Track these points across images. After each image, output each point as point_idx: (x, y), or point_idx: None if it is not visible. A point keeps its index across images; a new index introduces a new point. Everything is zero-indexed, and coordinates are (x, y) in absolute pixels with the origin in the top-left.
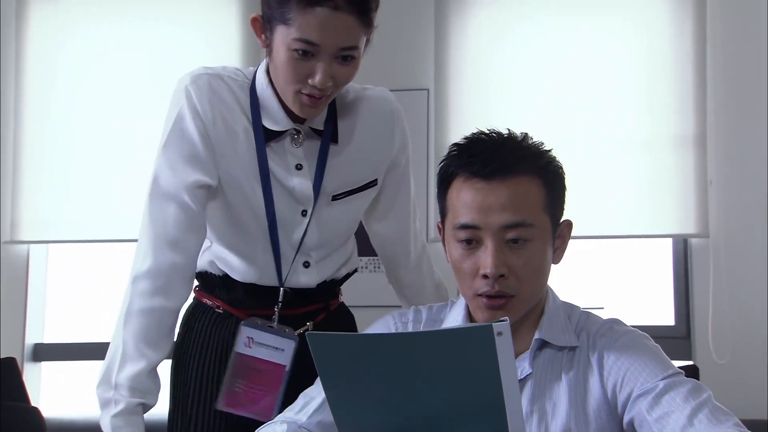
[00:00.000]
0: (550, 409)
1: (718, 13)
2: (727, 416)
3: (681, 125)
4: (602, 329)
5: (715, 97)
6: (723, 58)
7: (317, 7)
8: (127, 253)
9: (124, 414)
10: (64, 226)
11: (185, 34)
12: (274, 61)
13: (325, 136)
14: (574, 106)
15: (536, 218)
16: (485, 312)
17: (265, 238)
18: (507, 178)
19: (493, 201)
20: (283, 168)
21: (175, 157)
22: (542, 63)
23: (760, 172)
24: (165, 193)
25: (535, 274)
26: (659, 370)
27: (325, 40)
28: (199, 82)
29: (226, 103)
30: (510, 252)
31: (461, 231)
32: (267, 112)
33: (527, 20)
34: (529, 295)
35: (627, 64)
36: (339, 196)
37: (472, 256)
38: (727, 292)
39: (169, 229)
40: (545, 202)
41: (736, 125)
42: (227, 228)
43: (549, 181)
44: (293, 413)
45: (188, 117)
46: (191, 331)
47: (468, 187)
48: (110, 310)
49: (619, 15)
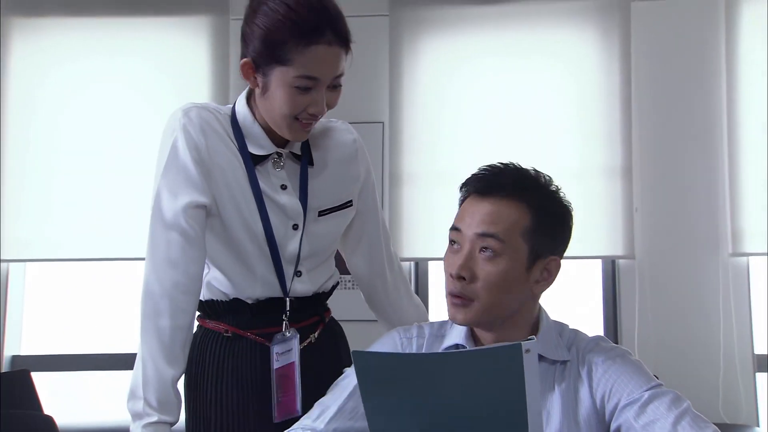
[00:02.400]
0: (545, 417)
1: (642, 55)
2: (707, 424)
3: (610, 157)
4: (590, 345)
5: (639, 132)
6: (646, 96)
7: (313, 46)
8: (101, 270)
9: (154, 425)
10: (42, 246)
11: (158, 67)
12: (270, 98)
13: (304, 159)
14: (514, 139)
15: (510, 238)
16: (449, 308)
17: (261, 253)
18: (499, 198)
19: (477, 211)
20: (271, 188)
21: (172, 182)
22: (485, 99)
23: (679, 199)
24: (165, 217)
25: (495, 286)
26: (644, 381)
27: (323, 74)
28: (190, 114)
29: (216, 131)
30: (480, 260)
31: (450, 232)
32: (251, 139)
33: (472, 61)
34: (488, 304)
35: (561, 101)
36: (324, 212)
37: (452, 257)
38: (650, 309)
39: (171, 251)
40: (526, 228)
41: (658, 157)
42: (224, 249)
43: (539, 216)
44: (311, 421)
45: (182, 145)
46: (204, 357)
47: (468, 200)
48: (79, 323)
49: (554, 57)
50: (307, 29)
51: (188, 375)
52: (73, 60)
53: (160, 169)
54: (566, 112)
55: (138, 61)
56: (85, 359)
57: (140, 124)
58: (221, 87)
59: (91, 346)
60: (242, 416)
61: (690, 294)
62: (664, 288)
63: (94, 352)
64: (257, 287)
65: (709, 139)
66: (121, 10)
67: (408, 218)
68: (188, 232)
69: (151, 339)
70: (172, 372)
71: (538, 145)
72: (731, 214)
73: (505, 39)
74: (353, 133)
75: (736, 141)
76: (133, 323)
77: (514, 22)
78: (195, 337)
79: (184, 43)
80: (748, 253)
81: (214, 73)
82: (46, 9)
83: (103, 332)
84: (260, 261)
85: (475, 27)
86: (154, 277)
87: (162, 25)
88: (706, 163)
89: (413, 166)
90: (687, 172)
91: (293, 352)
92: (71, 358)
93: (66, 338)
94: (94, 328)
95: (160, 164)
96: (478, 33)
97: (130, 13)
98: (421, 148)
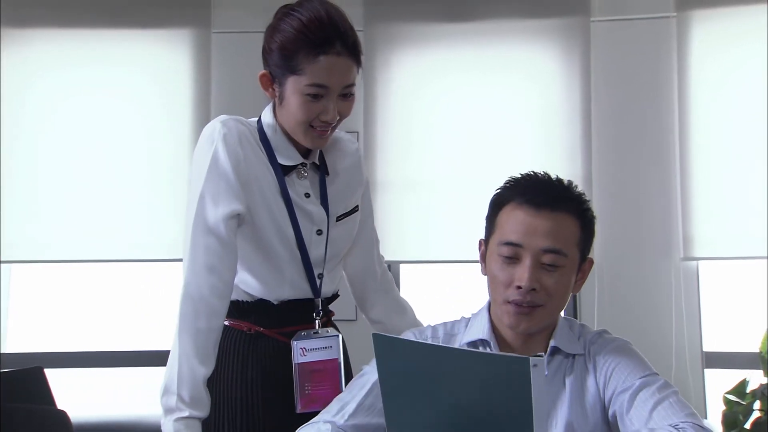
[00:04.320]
0: (559, 405)
1: (601, 72)
2: (685, 408)
3: (571, 167)
4: (594, 337)
5: (598, 144)
6: (605, 110)
7: (322, 56)
8: (78, 272)
9: (185, 419)
10: (26, 248)
11: (142, 78)
12: (286, 106)
13: (322, 169)
14: (482, 149)
15: (570, 250)
16: (512, 317)
17: (291, 257)
18: (553, 211)
19: (538, 226)
20: (298, 196)
21: (214, 189)
22: (455, 111)
23: (635, 207)
24: (207, 223)
25: (560, 294)
26: (639, 370)
27: (332, 82)
28: (229, 125)
29: (250, 142)
30: (543, 272)
31: (505, 247)
32: (280, 151)
33: (442, 75)
34: (553, 309)
35: (526, 114)
36: (341, 217)
37: (509, 268)
38: (608, 309)
39: (210, 257)
40: (578, 238)
41: (616, 168)
42: (256, 254)
43: (584, 224)
44: (330, 416)
45: (223, 155)
46: (228, 354)
47: (520, 211)
48: (61, 323)
49: (519, 72)
50: (317, 41)
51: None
52: (60, 69)
53: (195, 177)
54: (531, 124)
55: (123, 72)
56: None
57: (124, 132)
58: (203, 98)
59: (72, 344)
60: (267, 409)
61: (644, 296)
62: (621, 290)
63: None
64: (286, 289)
65: (662, 151)
66: (107, 23)
67: (381, 222)
68: (225, 240)
69: (187, 339)
70: (203, 370)
71: (504, 154)
72: (682, 221)
73: (473, 54)
74: (355, 142)
75: (687, 153)
76: (110, 323)
77: (482, 39)
78: None
79: (168, 55)
80: (698, 258)
81: (197, 84)
82: (35, 21)
83: (85, 332)
84: (290, 264)
85: (445, 43)
86: (194, 281)
87: (146, 38)
88: (660, 174)
89: (386, 174)
90: (642, 182)
91: (335, 350)
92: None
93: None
94: (75, 328)
95: (196, 172)
96: (448, 48)
97: (115, 26)
98: (393, 156)
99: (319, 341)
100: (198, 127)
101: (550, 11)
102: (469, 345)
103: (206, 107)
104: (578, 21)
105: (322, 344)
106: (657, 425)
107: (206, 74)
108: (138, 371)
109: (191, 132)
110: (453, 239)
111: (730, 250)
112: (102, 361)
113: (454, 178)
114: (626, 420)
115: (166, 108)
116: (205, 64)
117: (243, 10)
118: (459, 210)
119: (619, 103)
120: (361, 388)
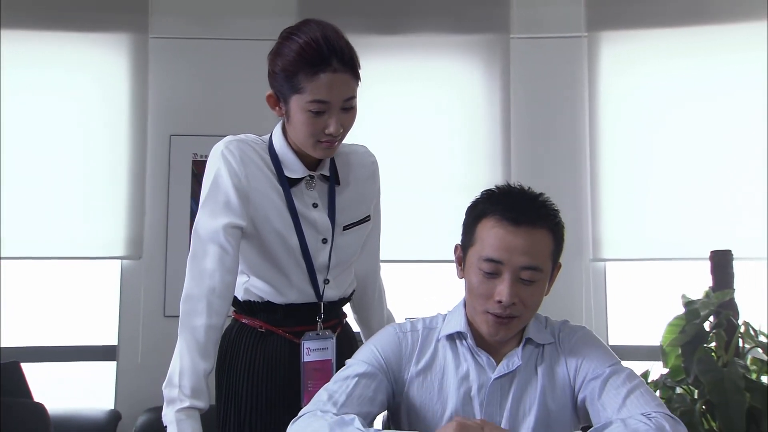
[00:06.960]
0: (531, 390)
1: (519, 85)
2: (654, 399)
3: (492, 173)
4: (561, 326)
5: (517, 151)
6: (523, 120)
7: (321, 74)
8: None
9: (186, 410)
10: None
11: (84, 79)
12: (292, 123)
13: (331, 180)
14: (410, 157)
15: (545, 264)
16: (491, 327)
17: (296, 264)
18: (531, 228)
19: (518, 244)
20: (304, 206)
21: (213, 205)
22: (384, 120)
23: None
24: (204, 234)
25: (536, 304)
26: (607, 359)
27: (332, 97)
28: (231, 147)
29: (253, 160)
30: (521, 286)
31: (486, 263)
32: (286, 165)
33: (373, 85)
34: (528, 317)
35: (450, 123)
36: (348, 226)
37: (489, 282)
38: None
39: (209, 261)
40: (552, 250)
41: (532, 173)
42: (263, 261)
43: (557, 237)
44: (322, 405)
45: (224, 174)
46: (238, 348)
47: (500, 228)
48: (34, 318)
49: (445, 83)
50: (315, 61)
51: (222, 364)
52: (7, 69)
53: (201, 193)
54: (455, 132)
55: (61, 74)
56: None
57: (62, 132)
58: (140, 101)
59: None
60: (270, 403)
61: (557, 293)
62: None
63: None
64: (293, 293)
65: (574, 160)
66: (45, 25)
67: None
68: (225, 246)
69: (188, 335)
70: (204, 365)
71: (430, 161)
72: (592, 224)
73: (400, 66)
74: (372, 156)
75: (597, 161)
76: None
77: (411, 52)
78: (230, 331)
79: (106, 58)
80: (606, 259)
81: (134, 87)
82: None
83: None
84: (295, 271)
85: (376, 54)
86: (193, 283)
87: (85, 41)
88: (572, 181)
89: None
90: (556, 188)
91: (330, 351)
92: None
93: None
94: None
95: (202, 189)
96: (379, 60)
97: (54, 28)
98: None
99: (319, 342)
100: (135, 129)
101: (473, 28)
102: (447, 337)
103: (143, 110)
104: (499, 38)
105: (321, 345)
106: (630, 413)
107: (143, 78)
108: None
109: (128, 133)
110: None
111: (634, 252)
112: (77, 355)
113: (393, 181)
114: (597, 405)
115: (105, 110)
116: (143, 68)
117: (180, 16)
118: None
119: (536, 113)
120: (345, 379)
